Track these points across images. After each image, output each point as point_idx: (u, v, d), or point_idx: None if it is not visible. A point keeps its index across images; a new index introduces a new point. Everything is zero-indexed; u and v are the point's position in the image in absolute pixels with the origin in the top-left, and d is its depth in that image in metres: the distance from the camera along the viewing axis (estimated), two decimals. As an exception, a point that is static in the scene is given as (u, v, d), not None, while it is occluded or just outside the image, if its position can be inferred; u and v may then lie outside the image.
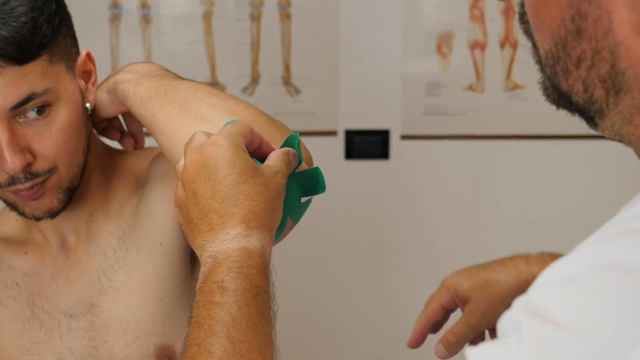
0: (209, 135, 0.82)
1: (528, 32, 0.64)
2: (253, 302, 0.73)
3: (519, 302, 0.56)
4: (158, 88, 0.98)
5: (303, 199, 0.88)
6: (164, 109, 0.96)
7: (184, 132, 0.92)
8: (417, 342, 1.07)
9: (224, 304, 0.72)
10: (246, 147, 0.82)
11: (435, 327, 1.07)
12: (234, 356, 0.69)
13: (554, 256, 0.99)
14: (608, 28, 0.57)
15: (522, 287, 0.97)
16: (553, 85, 0.63)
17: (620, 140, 0.62)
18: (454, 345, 1.01)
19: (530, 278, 0.95)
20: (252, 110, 0.96)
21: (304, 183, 0.87)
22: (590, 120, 0.62)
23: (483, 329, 1.02)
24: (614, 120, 0.60)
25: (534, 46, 0.64)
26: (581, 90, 0.60)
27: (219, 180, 0.78)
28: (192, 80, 1.01)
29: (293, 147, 0.87)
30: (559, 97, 0.63)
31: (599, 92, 0.59)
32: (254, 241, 0.76)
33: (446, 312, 1.05)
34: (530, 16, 0.62)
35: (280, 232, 0.85)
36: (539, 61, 0.64)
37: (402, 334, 2.31)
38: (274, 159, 0.83)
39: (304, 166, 0.90)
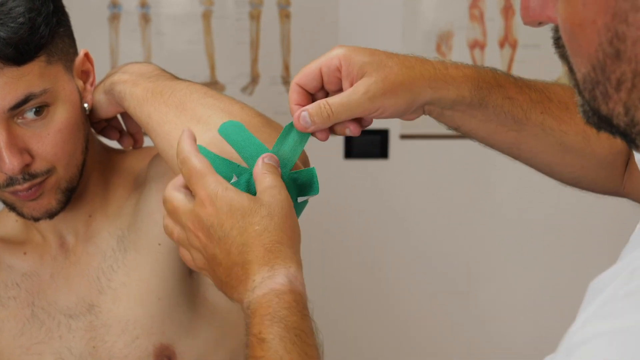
0: (184, 190, 0.82)
1: (564, 57, 0.63)
2: (292, 347, 0.72)
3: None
4: (154, 89, 0.98)
5: (300, 199, 0.87)
6: (159, 110, 0.95)
7: (180, 133, 0.92)
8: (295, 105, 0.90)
9: (267, 359, 0.71)
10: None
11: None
12: None
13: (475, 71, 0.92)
14: None
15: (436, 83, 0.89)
16: (592, 109, 0.62)
17: None
18: (323, 119, 0.84)
19: (447, 77, 0.89)
20: (247, 110, 0.95)
21: (300, 183, 0.87)
22: (632, 142, 0.61)
23: (366, 114, 0.87)
24: None
25: (571, 70, 0.63)
26: (622, 113, 0.59)
27: (227, 235, 0.78)
28: (189, 81, 1.00)
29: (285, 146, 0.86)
30: (599, 120, 0.62)
31: None
32: (279, 279, 0.75)
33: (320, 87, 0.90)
34: (566, 40, 0.61)
35: None
36: (576, 85, 0.63)
37: (401, 334, 2.31)
38: (260, 178, 0.81)
39: (299, 165, 0.89)
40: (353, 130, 0.88)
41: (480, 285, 2.28)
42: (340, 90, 0.87)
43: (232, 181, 0.83)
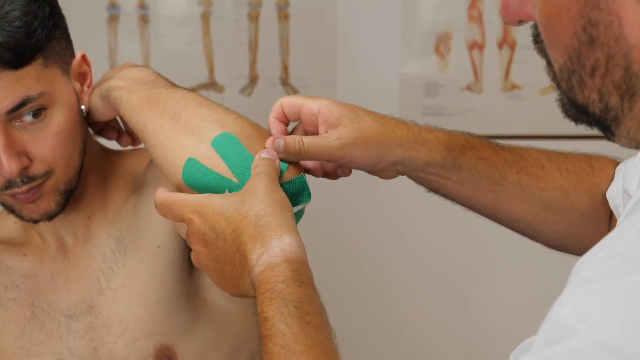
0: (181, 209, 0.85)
1: (543, 51, 0.65)
2: (292, 321, 0.72)
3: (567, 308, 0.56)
4: (150, 97, 0.98)
5: (295, 209, 0.87)
6: (155, 120, 0.95)
7: (174, 144, 0.92)
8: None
9: (272, 337, 0.72)
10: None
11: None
12: None
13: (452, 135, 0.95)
14: (619, 33, 0.57)
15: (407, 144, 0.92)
16: (570, 100, 0.63)
17: (637, 147, 0.62)
18: (294, 151, 0.89)
19: (410, 142, 0.93)
20: (241, 122, 0.94)
21: (291, 193, 0.87)
22: (607, 130, 0.63)
23: (335, 160, 0.92)
24: (629, 126, 0.61)
25: (549, 64, 0.65)
26: (597, 100, 0.61)
27: (220, 232, 0.80)
28: (184, 89, 1.00)
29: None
30: (577, 111, 0.64)
31: (614, 99, 0.60)
32: (273, 251, 0.76)
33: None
34: (543, 34, 0.63)
35: None
36: (554, 78, 0.65)
37: (398, 334, 2.31)
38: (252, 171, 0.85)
39: (287, 176, 0.89)
40: (327, 171, 0.96)
41: (477, 285, 2.28)
42: (315, 134, 0.93)
43: None
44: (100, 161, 1.14)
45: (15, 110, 0.96)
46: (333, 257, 2.26)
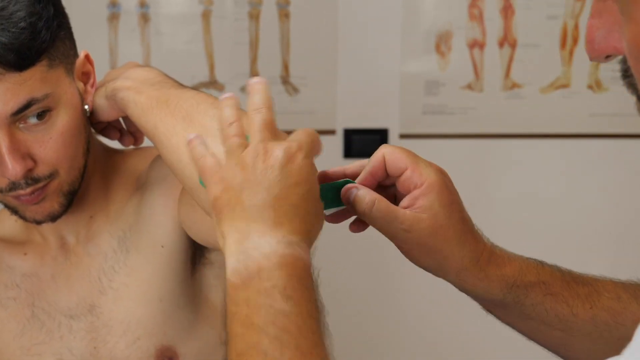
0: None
1: (633, 86, 0.59)
2: (317, 314, 0.70)
3: None
4: (159, 97, 0.96)
5: (327, 212, 0.83)
6: (166, 122, 0.93)
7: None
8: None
9: (290, 314, 0.68)
10: None
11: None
12: None
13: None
14: None
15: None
16: None
17: None
18: (361, 207, 0.81)
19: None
20: None
21: (329, 196, 0.83)
22: None
23: (391, 237, 0.83)
24: None
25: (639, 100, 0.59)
26: None
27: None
28: (193, 90, 0.98)
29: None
30: None
31: None
32: (307, 256, 0.73)
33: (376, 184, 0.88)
34: (633, 66, 0.57)
35: None
36: None
37: (402, 334, 2.31)
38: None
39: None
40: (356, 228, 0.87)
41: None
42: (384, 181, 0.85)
43: None
44: (103, 161, 1.13)
45: (20, 112, 0.95)
46: (335, 258, 2.26)
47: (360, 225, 0.87)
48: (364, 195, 0.82)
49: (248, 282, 0.70)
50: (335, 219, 0.87)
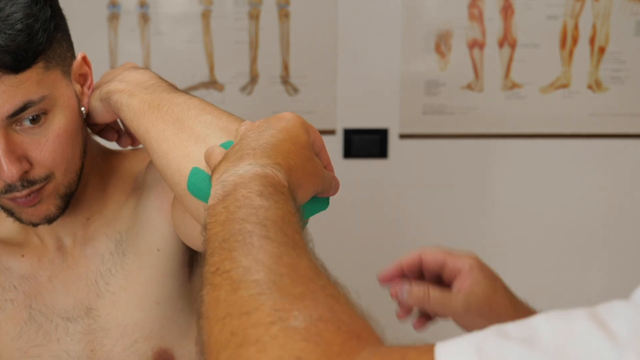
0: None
1: None
2: (297, 219, 0.69)
3: None
4: (151, 102, 0.95)
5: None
6: (157, 126, 0.93)
7: (178, 153, 0.90)
8: (385, 278, 1.06)
9: (270, 208, 0.67)
10: None
11: (405, 276, 1.03)
12: (299, 246, 0.66)
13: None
14: None
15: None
16: None
17: None
18: (417, 301, 0.95)
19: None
20: None
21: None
22: None
23: (448, 317, 0.96)
24: None
25: None
26: None
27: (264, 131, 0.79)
28: (186, 94, 0.98)
29: None
30: None
31: None
32: (284, 180, 0.73)
33: (419, 274, 1.01)
34: None
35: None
36: None
37: (400, 333, 2.31)
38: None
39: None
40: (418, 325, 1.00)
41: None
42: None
43: None
44: (100, 162, 1.13)
45: (16, 115, 0.94)
46: (335, 257, 2.25)
47: (423, 320, 1.00)
48: (420, 290, 0.94)
49: (225, 198, 0.70)
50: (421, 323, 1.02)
